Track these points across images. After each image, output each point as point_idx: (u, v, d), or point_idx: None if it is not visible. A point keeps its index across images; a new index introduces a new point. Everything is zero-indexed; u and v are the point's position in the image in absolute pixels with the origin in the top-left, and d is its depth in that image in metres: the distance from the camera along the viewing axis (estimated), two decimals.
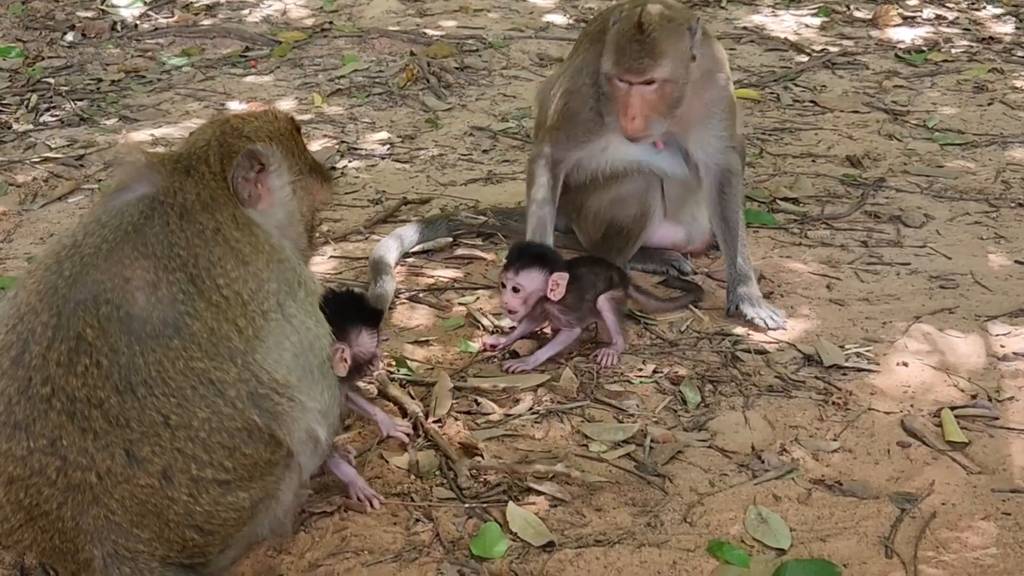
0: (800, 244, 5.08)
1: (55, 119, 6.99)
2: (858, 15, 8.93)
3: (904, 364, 4.09)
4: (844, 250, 5.01)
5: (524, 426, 3.76)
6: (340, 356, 3.21)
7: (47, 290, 2.77)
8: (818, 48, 8.13)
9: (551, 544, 3.18)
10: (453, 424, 3.75)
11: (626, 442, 3.67)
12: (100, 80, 7.73)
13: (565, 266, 4.14)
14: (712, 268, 4.88)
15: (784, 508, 3.34)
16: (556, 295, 4.06)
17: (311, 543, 3.20)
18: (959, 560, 3.13)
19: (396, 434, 3.58)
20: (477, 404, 3.89)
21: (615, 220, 4.67)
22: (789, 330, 4.34)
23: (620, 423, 3.78)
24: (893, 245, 5.05)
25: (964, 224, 5.25)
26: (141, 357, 2.70)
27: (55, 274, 2.79)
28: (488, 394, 3.94)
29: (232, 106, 7.10)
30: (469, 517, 3.31)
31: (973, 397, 3.89)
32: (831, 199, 5.55)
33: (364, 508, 3.30)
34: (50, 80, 7.66)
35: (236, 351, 2.78)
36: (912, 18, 8.78)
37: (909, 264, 4.86)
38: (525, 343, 4.24)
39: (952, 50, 8.03)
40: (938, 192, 5.60)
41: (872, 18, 8.76)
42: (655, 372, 4.08)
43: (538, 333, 4.31)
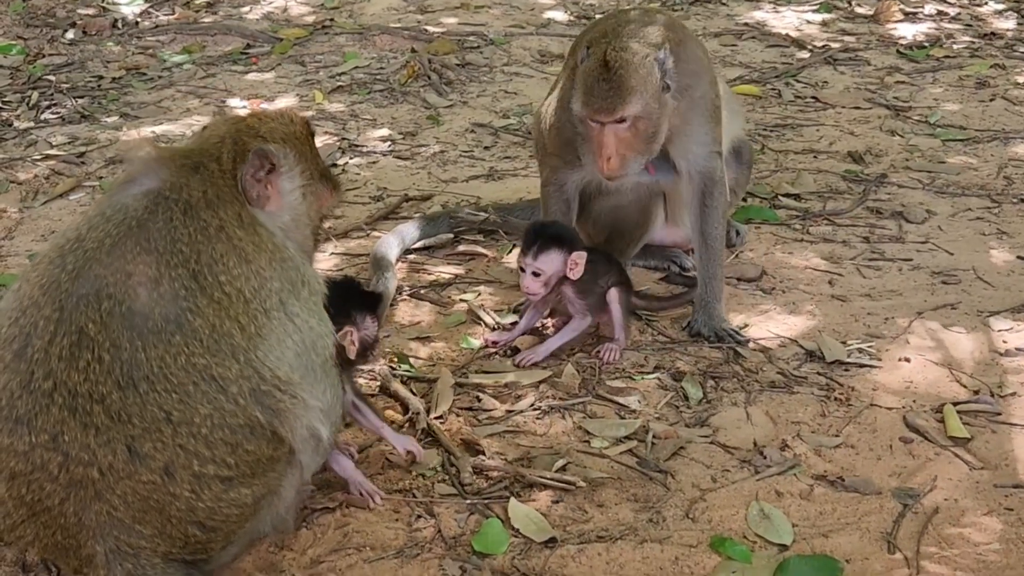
0: (802, 240, 5.08)
1: (56, 116, 6.99)
2: (860, 11, 8.91)
3: (906, 360, 4.09)
4: (846, 246, 5.01)
5: (526, 422, 3.76)
6: (349, 339, 3.25)
7: (50, 284, 2.77)
8: (819, 44, 8.11)
9: (553, 540, 3.18)
10: (455, 420, 3.75)
11: (628, 438, 3.67)
12: (101, 77, 7.73)
13: (583, 244, 4.16)
14: None
15: (786, 504, 3.34)
16: (575, 274, 4.06)
17: (313, 539, 3.20)
18: (962, 556, 3.12)
19: (411, 447, 3.47)
20: (479, 400, 3.89)
21: (617, 226, 4.67)
22: (791, 326, 4.33)
23: (622, 419, 3.78)
24: (895, 241, 5.05)
25: (966, 220, 5.24)
26: (143, 352, 2.70)
27: (58, 268, 2.79)
28: (490, 390, 3.94)
29: (233, 103, 7.10)
30: (471, 513, 3.31)
31: (975, 392, 3.89)
32: (833, 195, 5.54)
33: (366, 504, 3.30)
34: (51, 77, 7.65)
35: (238, 348, 2.78)
36: (914, 14, 8.76)
37: (911, 260, 4.86)
38: (527, 339, 4.24)
39: (954, 46, 8.01)
40: (940, 188, 5.59)
41: (874, 14, 8.74)
42: (657, 368, 4.07)
43: (540, 329, 4.31)
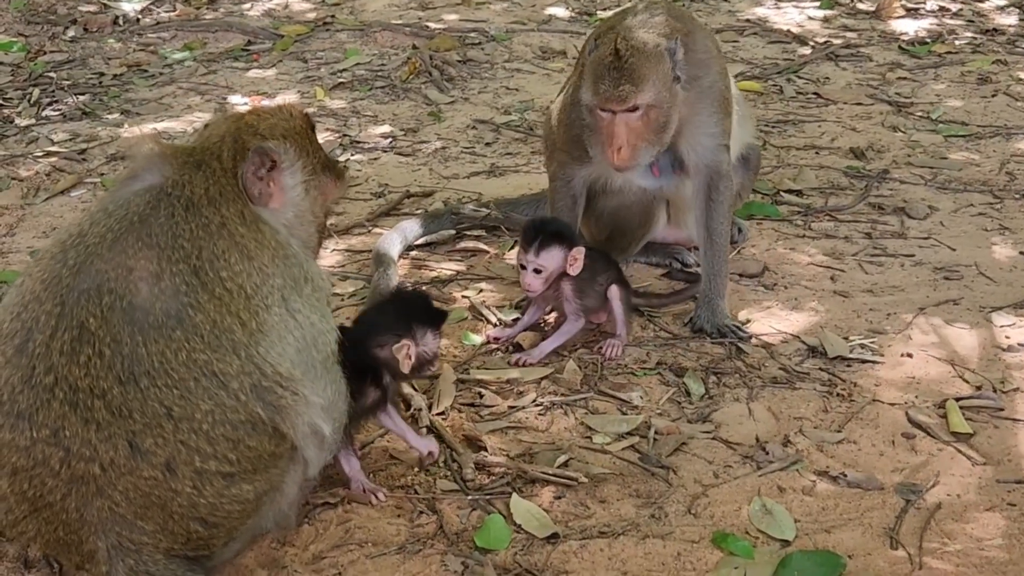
0: (804, 236, 5.07)
1: (57, 113, 6.99)
2: (861, 7, 8.90)
3: (908, 355, 4.08)
4: (848, 242, 5.00)
5: (528, 418, 3.76)
6: (405, 352, 3.31)
7: (51, 279, 2.77)
8: (821, 40, 8.10)
9: (555, 536, 3.18)
10: (457, 417, 3.75)
11: (630, 434, 3.66)
12: (102, 74, 7.73)
13: (582, 241, 4.17)
14: None
15: (789, 499, 3.34)
16: (575, 270, 4.06)
17: (315, 535, 3.19)
18: (964, 551, 3.12)
19: (432, 448, 3.45)
20: (481, 397, 3.88)
21: (619, 225, 4.67)
22: (793, 322, 4.33)
23: (624, 415, 3.77)
24: (897, 237, 5.04)
25: (968, 215, 5.24)
26: (144, 348, 2.69)
27: (60, 263, 2.79)
28: (492, 386, 3.93)
29: (234, 100, 7.09)
30: (473, 509, 3.31)
31: (978, 388, 3.88)
32: (835, 191, 5.53)
33: (368, 500, 3.30)
34: (52, 75, 7.65)
35: (239, 344, 2.77)
36: (915, 10, 8.75)
37: (913, 255, 4.85)
38: (528, 335, 4.23)
39: (956, 42, 8.00)
40: (942, 184, 5.58)
41: (875, 10, 8.73)
42: (659, 364, 4.07)
43: (541, 325, 4.31)
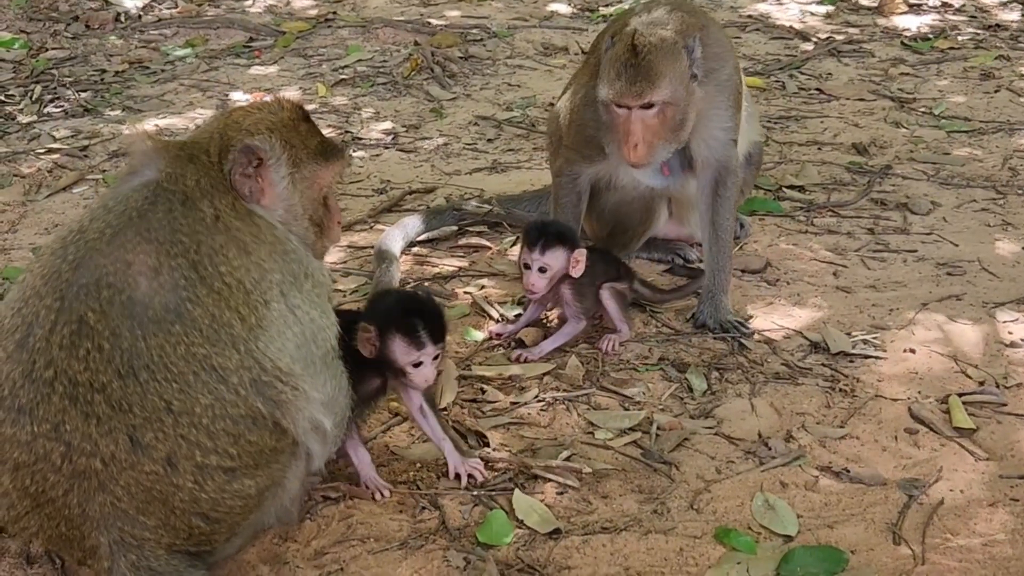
0: (806, 232, 5.06)
1: (59, 110, 6.99)
2: (863, 3, 8.89)
3: (911, 351, 4.08)
4: (850, 237, 4.99)
5: (530, 414, 3.75)
6: (365, 338, 3.25)
7: (51, 274, 2.77)
8: (823, 36, 8.09)
9: (557, 531, 3.18)
10: (459, 412, 3.74)
11: (632, 429, 3.66)
12: (104, 71, 7.73)
13: (582, 243, 4.19)
14: None
15: (791, 495, 3.33)
16: (577, 272, 4.07)
17: (317, 531, 3.19)
18: (967, 546, 3.11)
19: (466, 471, 3.38)
20: (483, 392, 3.88)
21: (621, 221, 4.66)
22: (796, 317, 4.32)
23: (626, 411, 3.77)
24: (900, 232, 5.03)
25: (971, 211, 5.23)
26: (143, 341, 2.69)
27: (59, 258, 2.79)
28: (494, 382, 3.93)
29: (236, 97, 7.09)
30: (475, 505, 3.30)
31: (981, 384, 3.88)
32: (837, 187, 5.53)
33: (371, 496, 3.29)
34: (54, 71, 7.65)
35: (238, 338, 2.77)
36: (918, 6, 8.74)
37: (916, 251, 4.84)
38: (530, 331, 4.23)
39: (958, 37, 7.99)
40: (945, 179, 5.57)
41: (878, 6, 8.72)
42: (661, 359, 4.07)
43: (544, 321, 4.31)
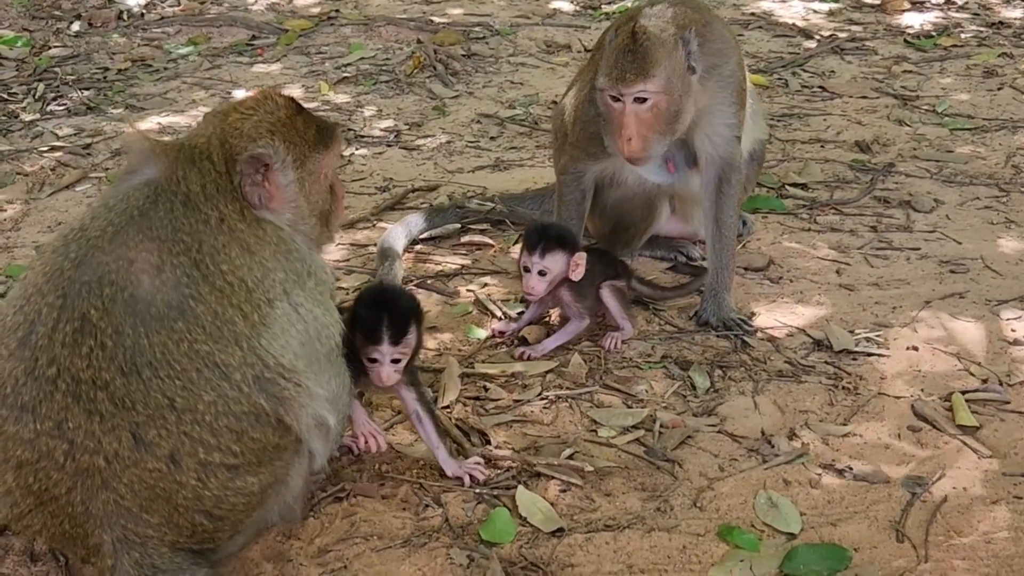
0: (809, 229, 5.06)
1: (62, 108, 7.00)
2: (867, 0, 8.87)
3: (914, 349, 4.07)
4: (853, 235, 4.99)
5: (533, 412, 3.75)
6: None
7: (53, 272, 2.77)
8: (826, 34, 8.09)
9: (561, 529, 3.18)
10: (462, 410, 3.74)
11: (635, 427, 3.66)
12: (107, 69, 7.73)
13: (582, 246, 4.19)
14: None
15: (794, 492, 3.33)
16: (576, 275, 4.06)
17: (320, 528, 3.19)
18: (970, 544, 3.11)
19: (465, 472, 3.37)
20: (486, 390, 3.88)
21: (623, 218, 4.66)
22: (799, 315, 4.32)
23: (629, 408, 3.77)
24: (903, 230, 5.03)
25: (974, 209, 5.22)
26: (146, 339, 2.69)
27: (62, 256, 2.79)
28: (497, 380, 3.93)
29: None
30: (478, 502, 3.30)
31: (984, 381, 3.87)
32: (840, 184, 5.52)
33: (374, 492, 3.30)
34: (57, 69, 7.66)
35: (241, 335, 2.77)
36: (921, 3, 8.72)
37: (919, 249, 4.84)
38: (533, 329, 4.23)
39: (961, 35, 7.98)
40: (948, 177, 5.57)
41: (881, 3, 8.71)
42: (664, 357, 4.06)
43: (548, 319, 4.30)
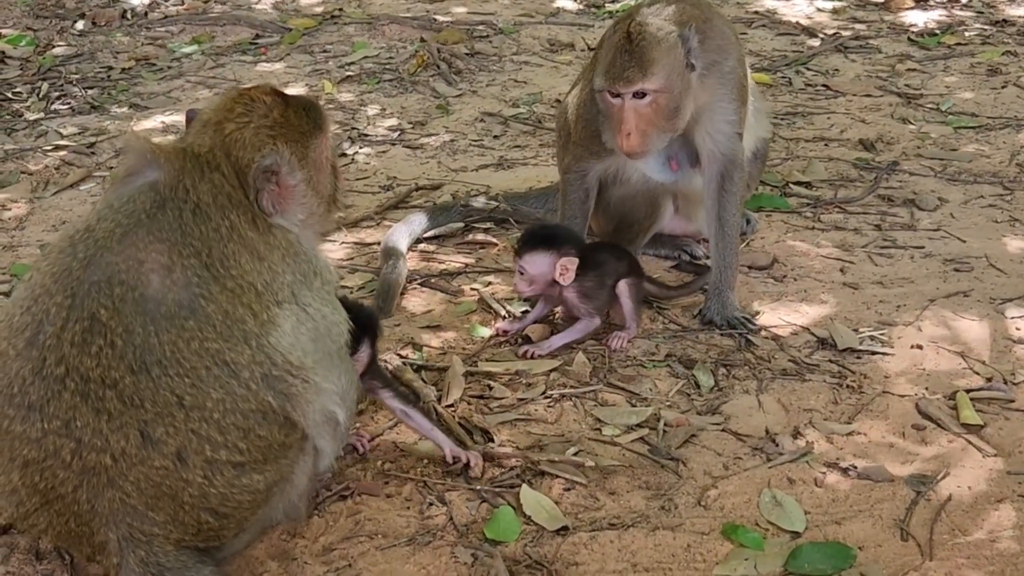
0: (813, 228, 5.06)
1: (66, 107, 7.00)
2: None
3: (919, 347, 4.07)
4: (858, 234, 4.99)
5: (537, 410, 3.75)
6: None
7: (61, 272, 2.77)
8: (830, 32, 8.08)
9: (565, 528, 3.18)
10: (466, 409, 3.75)
11: (639, 426, 3.66)
12: (111, 68, 7.74)
13: (577, 251, 4.09)
14: None
15: (799, 491, 3.33)
16: (565, 280, 4.04)
17: (325, 527, 3.20)
18: (975, 543, 3.11)
19: (459, 454, 3.40)
20: (490, 389, 3.88)
21: (626, 216, 4.65)
22: (803, 313, 4.32)
23: (633, 407, 3.77)
24: (907, 228, 5.02)
25: (978, 207, 5.22)
26: (156, 337, 2.70)
27: (69, 256, 2.79)
28: (500, 379, 3.93)
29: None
30: (483, 501, 3.31)
31: (988, 380, 3.87)
32: (844, 183, 5.52)
33: (378, 491, 3.30)
34: (61, 68, 7.67)
35: (250, 334, 2.78)
36: (925, 1, 8.71)
37: (923, 247, 4.83)
38: (537, 328, 4.23)
39: (966, 33, 7.97)
40: (952, 175, 5.56)
41: (884, 1, 8.70)
42: (668, 356, 4.06)
43: (552, 317, 4.30)
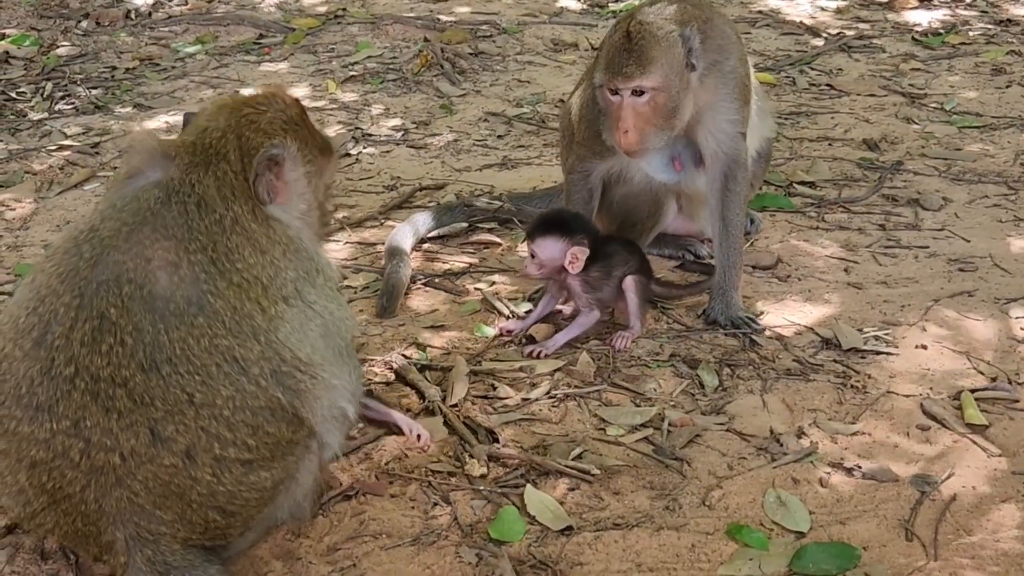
0: (817, 228, 5.06)
1: (70, 107, 7.01)
2: None
3: (923, 347, 4.07)
4: (862, 233, 4.99)
5: (541, 410, 3.76)
6: None
7: (68, 272, 2.77)
8: (834, 31, 8.07)
9: (569, 528, 3.18)
10: (470, 408, 3.75)
11: (644, 426, 3.66)
12: (114, 68, 7.75)
13: (590, 241, 4.11)
14: None
15: (803, 491, 3.33)
16: (574, 268, 4.06)
17: (329, 527, 3.20)
18: (980, 543, 3.11)
19: (420, 431, 3.48)
20: (494, 389, 3.88)
21: (629, 215, 4.65)
22: (807, 313, 4.32)
23: (638, 407, 3.77)
24: (911, 228, 5.02)
25: (982, 207, 5.22)
26: (166, 335, 2.71)
27: (75, 256, 2.79)
28: (505, 378, 3.94)
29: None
30: (487, 501, 3.31)
31: (993, 380, 3.87)
32: (848, 183, 5.52)
33: (382, 491, 3.30)
34: (65, 68, 7.68)
35: (259, 329, 2.79)
36: (929, 0, 8.70)
37: (927, 247, 4.83)
38: (541, 327, 4.23)
39: (969, 32, 7.96)
40: (956, 175, 5.56)
41: (888, 1, 8.69)
42: (672, 356, 4.06)
43: (556, 316, 4.31)
